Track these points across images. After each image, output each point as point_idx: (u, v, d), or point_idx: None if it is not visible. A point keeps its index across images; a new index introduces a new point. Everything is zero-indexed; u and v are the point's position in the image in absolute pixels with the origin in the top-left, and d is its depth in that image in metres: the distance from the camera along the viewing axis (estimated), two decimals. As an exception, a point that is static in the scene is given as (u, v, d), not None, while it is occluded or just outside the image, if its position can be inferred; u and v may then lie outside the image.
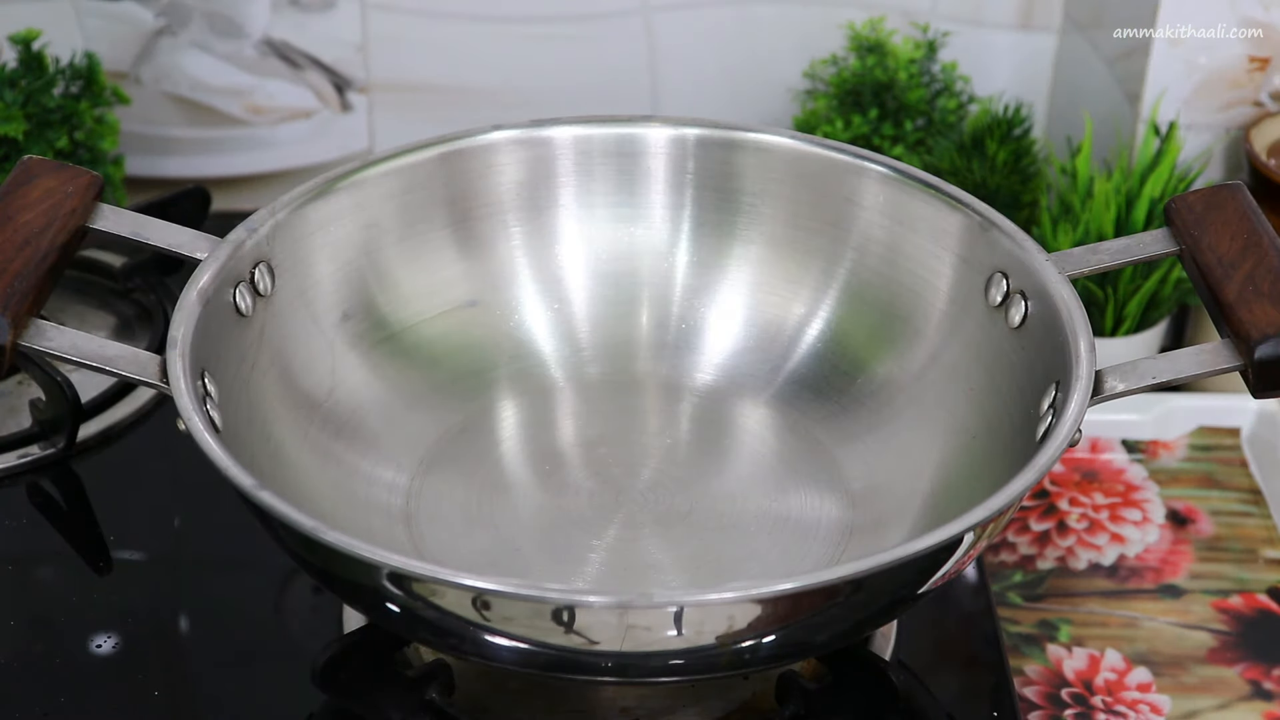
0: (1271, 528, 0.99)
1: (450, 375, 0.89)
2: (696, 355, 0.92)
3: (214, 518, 0.90)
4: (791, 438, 0.88)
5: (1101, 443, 1.04)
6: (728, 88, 1.21)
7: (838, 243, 0.89)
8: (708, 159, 0.91)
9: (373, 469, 0.85)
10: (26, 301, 0.75)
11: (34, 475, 0.93)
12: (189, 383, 0.73)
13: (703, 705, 0.79)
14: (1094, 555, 0.97)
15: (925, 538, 0.68)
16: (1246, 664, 0.91)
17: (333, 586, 0.75)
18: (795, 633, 0.70)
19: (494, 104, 1.20)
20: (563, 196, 0.91)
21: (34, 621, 0.85)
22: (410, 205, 0.89)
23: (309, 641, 0.82)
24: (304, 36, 1.18)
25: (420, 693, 0.75)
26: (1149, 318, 1.07)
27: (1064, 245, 1.04)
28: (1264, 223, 0.80)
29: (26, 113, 1.08)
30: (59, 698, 0.80)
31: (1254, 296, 0.76)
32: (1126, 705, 0.88)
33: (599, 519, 0.83)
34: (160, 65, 1.19)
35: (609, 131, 0.91)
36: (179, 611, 0.87)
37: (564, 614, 0.66)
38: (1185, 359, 0.76)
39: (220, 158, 1.23)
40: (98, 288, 1.06)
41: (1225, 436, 1.05)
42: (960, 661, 0.85)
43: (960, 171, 1.10)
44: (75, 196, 0.80)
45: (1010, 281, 0.82)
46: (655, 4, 1.18)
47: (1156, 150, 1.07)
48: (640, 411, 0.90)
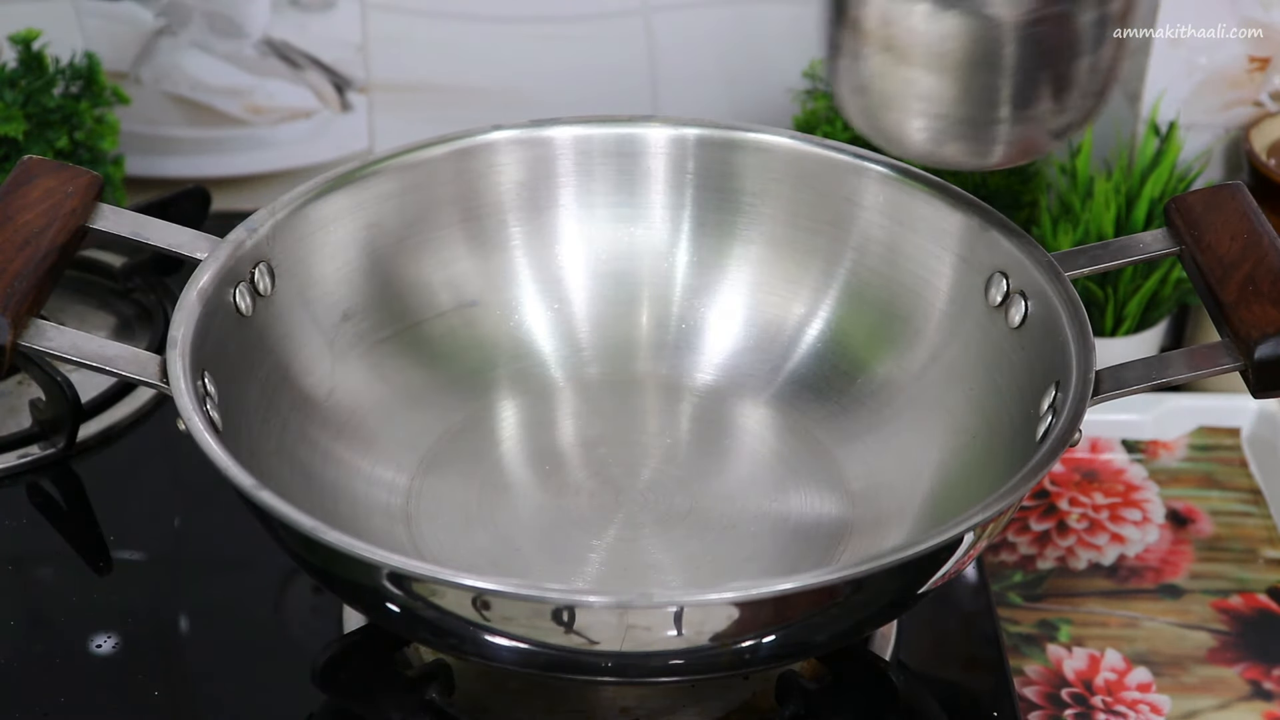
0: (1271, 528, 0.99)
1: (450, 375, 0.89)
2: (696, 355, 0.92)
3: (214, 518, 0.90)
4: (791, 438, 0.88)
5: (1101, 443, 1.04)
6: (728, 88, 1.21)
7: (838, 243, 0.89)
8: (708, 159, 0.91)
9: (373, 469, 0.85)
10: (26, 301, 0.75)
11: (34, 475, 0.93)
12: (189, 383, 0.73)
13: (703, 705, 0.79)
14: (1094, 555, 0.97)
15: (925, 538, 0.68)
16: (1246, 664, 0.91)
17: (333, 586, 0.75)
18: (795, 633, 0.70)
19: (494, 104, 1.20)
20: (563, 196, 0.91)
21: (34, 621, 0.85)
22: (410, 205, 0.89)
23: (309, 641, 0.82)
24: (304, 36, 1.18)
25: (420, 693, 0.75)
26: (1149, 318, 1.07)
27: (1064, 245, 1.04)
28: (1264, 223, 0.80)
29: (26, 113, 1.08)
30: (59, 698, 0.80)
31: (1254, 296, 0.76)
32: (1126, 705, 0.88)
33: (599, 519, 0.83)
34: (160, 65, 1.19)
35: (609, 131, 0.91)
36: (179, 611, 0.87)
37: (564, 614, 0.66)
38: (1185, 359, 0.76)
39: (220, 158, 1.23)
40: (98, 288, 1.06)
41: (1225, 436, 1.05)
42: (960, 661, 0.85)
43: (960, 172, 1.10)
44: (75, 196, 0.80)
45: (1010, 281, 0.82)
46: (655, 4, 1.18)
47: (1156, 150, 1.07)
48: (640, 411, 0.90)
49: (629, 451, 0.87)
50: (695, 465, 0.87)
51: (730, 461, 0.88)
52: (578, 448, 0.88)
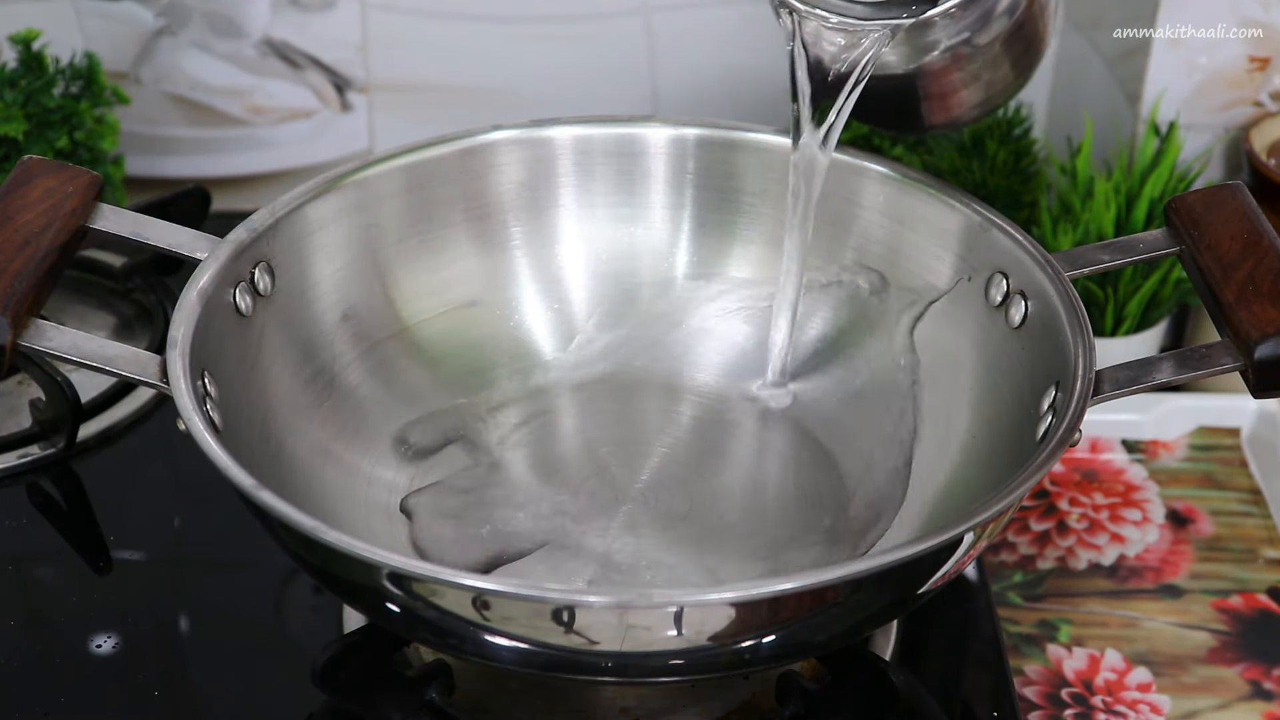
0: (1271, 528, 0.99)
1: (450, 375, 0.89)
2: (696, 356, 0.92)
3: (214, 518, 0.90)
4: (791, 438, 0.88)
5: (1101, 443, 1.04)
6: (728, 88, 1.21)
7: (838, 242, 0.89)
8: (708, 159, 0.91)
9: (373, 469, 0.85)
10: (26, 301, 0.75)
11: (34, 475, 0.93)
12: (189, 383, 0.73)
13: (703, 705, 0.79)
14: (1094, 555, 0.97)
15: (925, 538, 0.68)
16: (1246, 664, 0.91)
17: (333, 586, 0.75)
18: (795, 633, 0.70)
19: (494, 104, 1.20)
20: (563, 196, 0.92)
21: (34, 621, 0.85)
22: (410, 205, 0.89)
23: (309, 641, 0.82)
24: (304, 36, 1.18)
25: (420, 693, 0.75)
26: (1149, 318, 1.07)
27: (1064, 245, 1.04)
28: (1264, 223, 0.80)
29: (26, 113, 1.08)
30: (59, 698, 0.80)
31: (1254, 296, 0.76)
32: (1126, 705, 0.88)
33: (599, 518, 0.83)
34: (160, 65, 1.19)
35: (609, 131, 0.91)
36: (179, 611, 0.87)
37: (564, 614, 0.66)
38: (1185, 359, 0.76)
39: (220, 158, 1.23)
40: (98, 288, 1.06)
41: (1225, 436, 1.05)
42: (960, 661, 0.85)
43: (960, 172, 1.10)
44: (75, 196, 0.80)
45: (1010, 281, 0.82)
46: (655, 4, 1.18)
47: (1156, 150, 1.07)
48: (640, 412, 0.90)
49: (629, 451, 0.87)
50: (695, 465, 0.87)
51: (730, 462, 0.88)
52: (578, 448, 0.88)
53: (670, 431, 0.89)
